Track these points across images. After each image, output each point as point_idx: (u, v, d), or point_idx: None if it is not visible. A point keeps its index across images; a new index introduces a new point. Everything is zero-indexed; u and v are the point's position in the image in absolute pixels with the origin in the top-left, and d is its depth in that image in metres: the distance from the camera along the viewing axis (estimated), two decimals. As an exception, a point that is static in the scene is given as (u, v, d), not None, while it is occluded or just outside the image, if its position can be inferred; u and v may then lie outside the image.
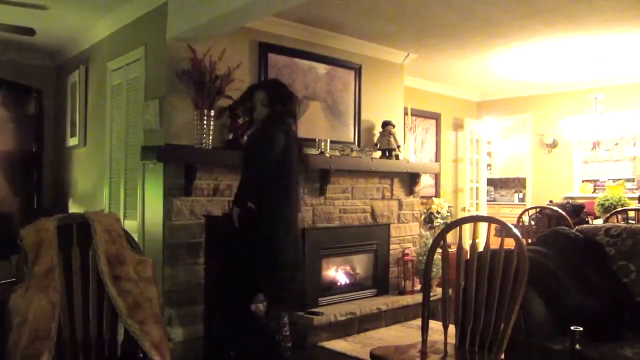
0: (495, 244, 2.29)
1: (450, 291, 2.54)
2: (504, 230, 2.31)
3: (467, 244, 2.57)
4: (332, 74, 4.74)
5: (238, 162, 3.45)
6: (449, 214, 6.13)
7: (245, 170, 3.22)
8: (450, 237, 2.96)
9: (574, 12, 4.17)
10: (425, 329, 2.47)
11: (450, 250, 2.58)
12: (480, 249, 2.49)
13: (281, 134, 3.14)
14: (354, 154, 4.69)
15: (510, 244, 2.24)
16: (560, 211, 5.14)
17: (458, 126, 7.54)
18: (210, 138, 3.69)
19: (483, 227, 6.30)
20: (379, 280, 4.89)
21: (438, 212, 6.03)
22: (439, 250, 2.57)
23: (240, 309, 3.18)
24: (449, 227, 2.59)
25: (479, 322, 2.29)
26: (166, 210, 3.61)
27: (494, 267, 2.27)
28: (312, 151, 4.37)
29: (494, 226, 2.45)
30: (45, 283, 2.03)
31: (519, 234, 2.32)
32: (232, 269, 3.16)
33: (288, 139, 3.18)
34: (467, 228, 5.51)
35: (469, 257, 2.41)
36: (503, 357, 2.22)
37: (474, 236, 3.03)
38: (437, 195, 6.99)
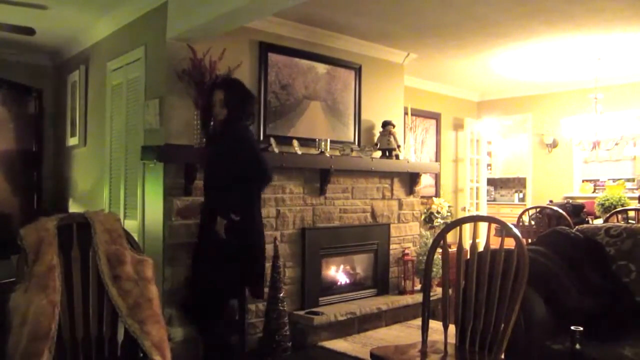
0: (495, 243, 2.29)
1: (450, 291, 2.55)
2: (503, 229, 2.31)
3: (467, 244, 2.57)
4: (332, 73, 4.74)
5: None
6: (448, 214, 6.13)
7: (222, 177, 3.13)
8: (451, 237, 2.96)
9: (574, 11, 4.17)
10: (425, 328, 2.47)
11: (450, 249, 2.59)
12: (480, 248, 2.49)
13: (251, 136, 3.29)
14: (354, 154, 4.69)
15: (510, 243, 2.24)
16: (560, 211, 5.14)
17: (458, 126, 7.55)
18: (210, 138, 3.68)
19: (483, 226, 6.31)
20: (379, 279, 4.89)
21: (438, 212, 6.03)
22: (439, 250, 2.58)
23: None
24: (448, 227, 2.59)
25: (479, 321, 2.29)
26: (166, 210, 3.61)
27: (494, 267, 2.27)
28: (312, 151, 4.38)
29: (493, 226, 2.45)
30: (45, 282, 2.03)
31: (518, 233, 2.32)
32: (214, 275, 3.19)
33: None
34: (467, 228, 5.51)
35: (468, 257, 2.41)
36: (503, 356, 2.22)
37: (474, 236, 3.03)
38: (437, 194, 6.99)
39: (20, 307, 1.97)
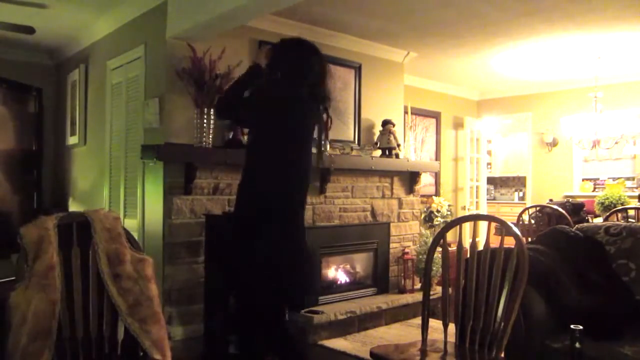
0: (495, 242, 2.29)
1: (450, 289, 2.55)
2: (503, 228, 2.31)
3: (466, 243, 2.57)
4: (331, 72, 4.72)
5: (238, 161, 3.41)
6: (448, 213, 6.13)
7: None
8: (451, 236, 2.95)
9: (574, 10, 4.17)
10: (425, 327, 2.47)
11: (450, 248, 2.59)
12: (480, 247, 2.49)
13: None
14: (354, 153, 4.69)
15: (510, 242, 2.24)
16: (560, 209, 5.13)
17: (458, 124, 7.55)
18: (210, 136, 3.69)
19: (482, 225, 6.31)
20: (379, 278, 4.89)
21: (438, 211, 6.03)
22: (439, 249, 2.57)
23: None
24: (449, 226, 2.59)
25: (479, 320, 2.29)
26: (166, 209, 3.61)
27: (494, 266, 2.27)
28: (312, 150, 4.37)
29: (493, 225, 2.45)
30: (45, 281, 2.02)
31: (518, 232, 2.32)
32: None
33: None
34: (467, 226, 5.51)
35: (468, 256, 2.41)
36: (503, 355, 2.23)
37: (474, 234, 3.02)
38: (437, 193, 6.99)
39: (20, 306, 1.97)
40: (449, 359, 2.31)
